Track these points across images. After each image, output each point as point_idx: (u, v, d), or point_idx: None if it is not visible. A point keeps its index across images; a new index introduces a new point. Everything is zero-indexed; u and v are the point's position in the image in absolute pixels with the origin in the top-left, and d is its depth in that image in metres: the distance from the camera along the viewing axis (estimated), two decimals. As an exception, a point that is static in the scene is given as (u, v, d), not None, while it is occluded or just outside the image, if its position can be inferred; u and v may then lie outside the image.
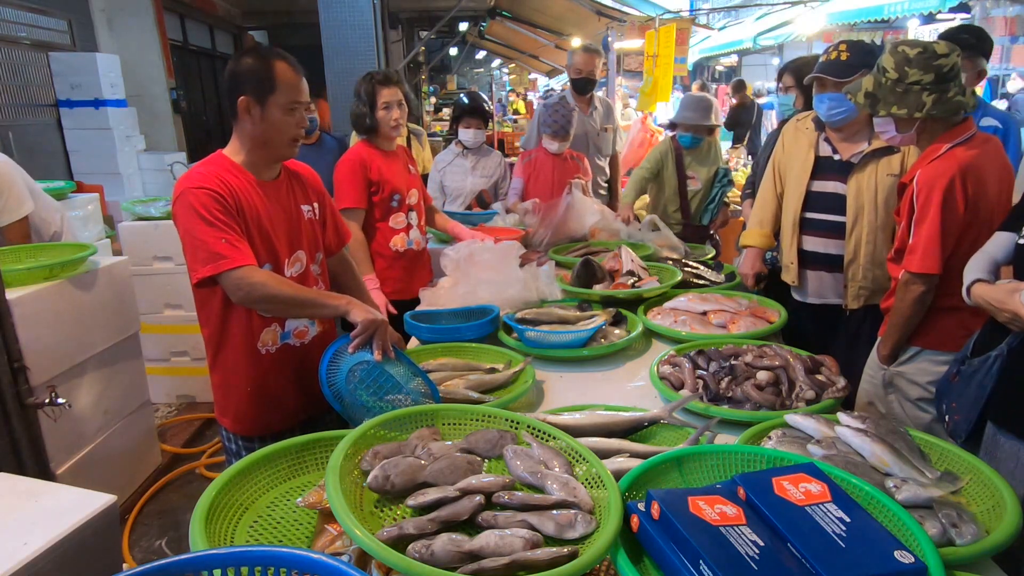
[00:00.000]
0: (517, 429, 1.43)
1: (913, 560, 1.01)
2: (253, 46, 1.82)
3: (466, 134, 3.83)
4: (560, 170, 3.70)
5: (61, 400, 1.90)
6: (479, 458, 1.34)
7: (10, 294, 2.22)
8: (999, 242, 1.78)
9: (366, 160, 2.80)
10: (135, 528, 2.98)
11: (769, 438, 1.47)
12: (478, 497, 1.17)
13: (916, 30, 8.70)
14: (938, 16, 7.75)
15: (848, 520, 1.08)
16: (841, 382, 1.77)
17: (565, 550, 1.05)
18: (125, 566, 1.41)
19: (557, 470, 1.27)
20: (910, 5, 6.88)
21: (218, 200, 1.68)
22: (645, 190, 3.87)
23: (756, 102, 9.63)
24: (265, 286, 1.66)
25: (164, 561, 0.87)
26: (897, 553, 1.02)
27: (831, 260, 2.54)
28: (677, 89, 10.32)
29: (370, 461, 1.27)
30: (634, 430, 1.59)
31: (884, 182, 2.39)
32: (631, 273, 2.73)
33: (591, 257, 2.91)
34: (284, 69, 1.74)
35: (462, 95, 4.94)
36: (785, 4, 8.92)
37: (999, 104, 8.30)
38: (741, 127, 9.40)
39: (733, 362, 1.89)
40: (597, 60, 4.00)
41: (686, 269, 2.92)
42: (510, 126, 11.81)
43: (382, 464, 1.23)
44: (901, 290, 2.02)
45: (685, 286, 2.75)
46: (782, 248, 2.69)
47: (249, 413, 1.89)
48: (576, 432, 1.49)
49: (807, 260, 2.60)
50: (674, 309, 2.41)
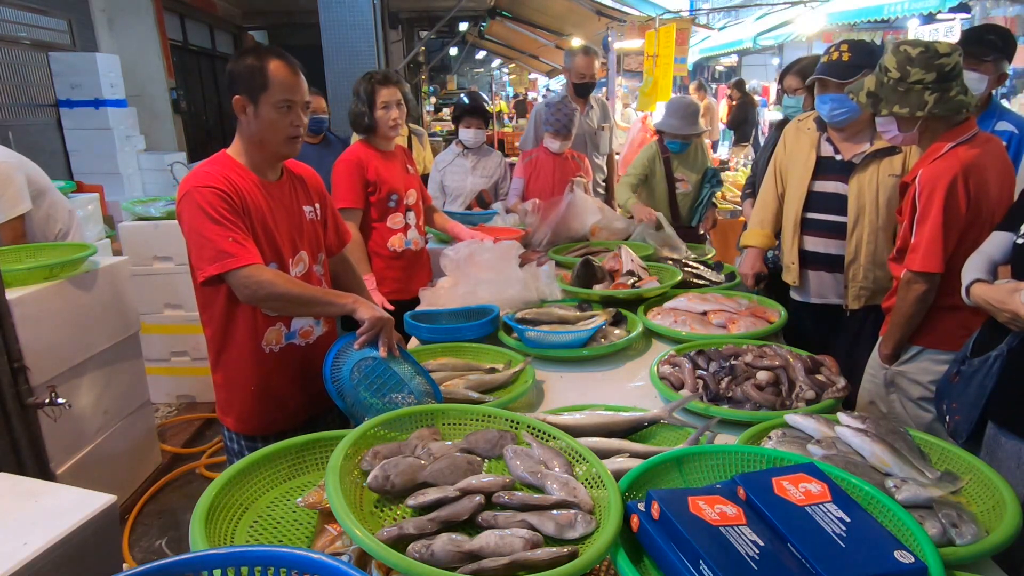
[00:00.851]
0: (517, 429, 1.43)
1: (913, 560, 1.01)
2: (253, 46, 1.81)
3: (466, 134, 3.83)
4: (561, 170, 3.70)
5: (61, 400, 1.90)
6: (479, 458, 1.34)
7: (10, 294, 2.22)
8: (997, 242, 1.77)
9: (363, 160, 2.80)
10: (135, 528, 2.98)
11: (769, 438, 1.47)
12: (478, 497, 1.17)
13: (916, 30, 8.68)
14: (938, 16, 7.73)
15: (848, 520, 1.08)
16: (841, 382, 1.77)
17: (565, 550, 1.05)
18: (125, 566, 1.41)
19: (557, 470, 1.27)
20: (910, 5, 6.87)
21: (224, 198, 1.68)
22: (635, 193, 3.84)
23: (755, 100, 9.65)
24: (273, 284, 1.66)
25: (164, 561, 0.87)
26: (897, 553, 1.02)
27: (832, 260, 2.54)
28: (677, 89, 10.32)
29: (370, 461, 1.27)
30: (634, 430, 1.59)
31: (886, 182, 2.39)
32: (631, 273, 2.73)
33: (591, 257, 2.91)
34: (278, 67, 1.72)
35: (462, 95, 4.94)
36: (785, 4, 8.91)
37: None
38: (746, 125, 9.40)
39: (733, 362, 1.89)
40: (597, 63, 4.01)
41: (686, 269, 2.92)
42: (510, 126, 11.82)
43: (382, 464, 1.23)
44: (903, 289, 2.02)
45: (685, 286, 2.75)
46: (783, 248, 2.69)
47: (252, 412, 1.89)
48: (576, 432, 1.49)
49: (808, 260, 2.60)
50: (674, 309, 2.41)
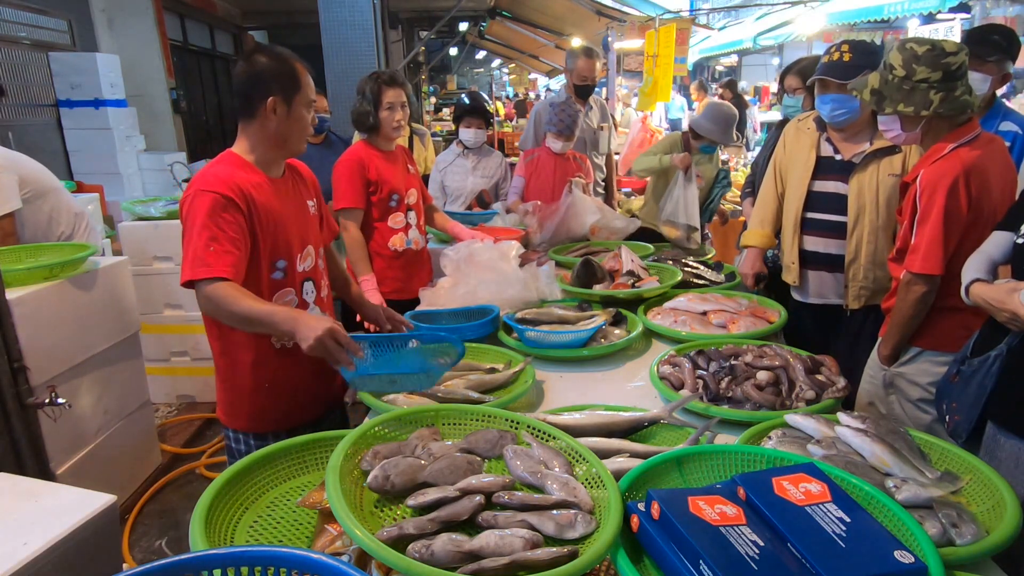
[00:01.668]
0: (517, 429, 1.43)
1: (913, 560, 1.01)
2: (262, 47, 1.81)
3: (467, 134, 3.84)
4: (562, 170, 3.70)
5: (61, 400, 1.90)
6: (479, 458, 1.34)
7: (10, 294, 2.22)
8: (997, 241, 1.77)
9: (364, 160, 2.80)
10: (135, 528, 2.98)
11: (769, 438, 1.47)
12: (478, 497, 1.17)
13: (916, 30, 8.68)
14: (938, 16, 7.74)
15: (848, 520, 1.08)
16: (841, 382, 1.77)
17: (565, 550, 1.05)
18: (125, 566, 1.41)
19: (557, 470, 1.27)
20: (910, 5, 6.87)
21: (224, 205, 1.67)
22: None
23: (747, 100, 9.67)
24: (226, 301, 1.61)
25: (164, 561, 0.87)
26: (897, 553, 1.02)
27: (832, 260, 2.54)
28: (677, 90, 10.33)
29: (370, 461, 1.27)
30: (634, 430, 1.59)
31: (886, 182, 2.39)
32: (631, 273, 2.74)
33: (591, 257, 2.91)
34: (303, 69, 1.80)
35: (463, 95, 4.96)
36: (785, 4, 8.92)
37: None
38: (740, 125, 9.41)
39: (733, 362, 1.89)
40: (599, 64, 4.02)
41: (686, 269, 2.91)
42: (509, 126, 11.82)
43: (382, 464, 1.23)
44: (903, 290, 2.01)
45: (685, 286, 2.75)
46: (783, 248, 2.69)
47: (266, 409, 1.89)
48: (576, 432, 1.49)
49: (808, 260, 2.60)
50: (674, 309, 2.41)
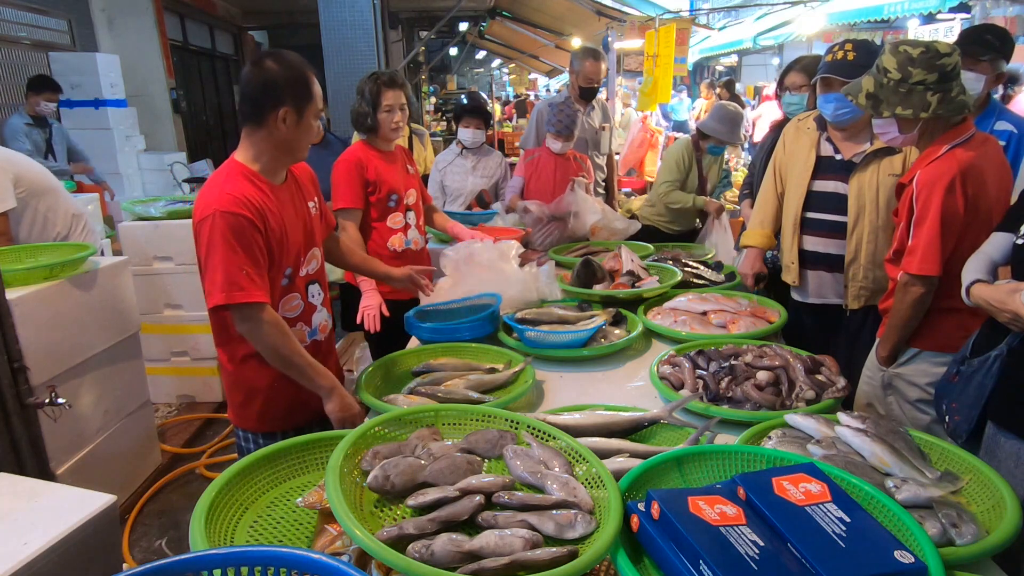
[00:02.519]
0: (517, 429, 1.43)
1: (913, 560, 1.01)
2: (272, 53, 1.80)
3: (465, 133, 3.83)
4: (563, 170, 3.70)
5: (61, 400, 1.90)
6: (479, 458, 1.34)
7: (10, 294, 2.22)
8: (996, 243, 1.77)
9: (363, 160, 2.80)
10: (135, 528, 2.98)
11: (769, 438, 1.47)
12: (478, 497, 1.17)
13: (916, 30, 8.69)
14: (938, 16, 7.74)
15: (848, 520, 1.08)
16: (841, 382, 1.77)
17: (565, 550, 1.05)
18: (125, 566, 1.41)
19: (557, 470, 1.27)
20: (910, 5, 6.87)
21: (247, 227, 1.68)
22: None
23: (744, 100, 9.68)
24: (270, 334, 1.70)
25: (164, 561, 0.87)
26: (897, 553, 1.02)
27: (832, 260, 2.54)
28: (677, 90, 10.34)
29: (370, 461, 1.27)
30: (634, 430, 1.59)
31: (886, 182, 2.39)
32: (631, 273, 2.74)
33: (591, 257, 2.91)
34: (312, 79, 1.79)
35: (462, 95, 4.96)
36: (785, 4, 8.92)
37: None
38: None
39: (733, 362, 1.89)
40: (604, 67, 4.02)
41: (686, 269, 2.92)
42: (510, 126, 11.82)
43: (382, 464, 1.23)
44: (900, 291, 2.01)
45: (685, 286, 2.75)
46: (783, 248, 2.68)
47: (278, 410, 1.90)
48: (576, 432, 1.49)
49: (808, 260, 2.60)
50: (674, 309, 2.42)
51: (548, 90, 19.09)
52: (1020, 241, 1.69)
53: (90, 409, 2.84)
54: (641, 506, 1.13)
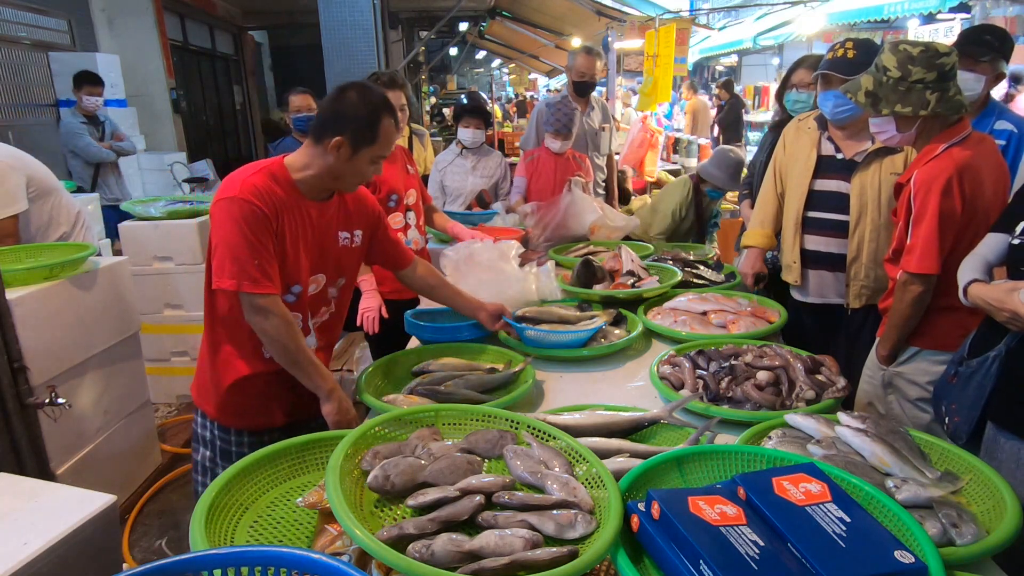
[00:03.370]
0: (517, 429, 1.43)
1: (913, 560, 1.01)
2: (358, 85, 1.74)
3: (465, 133, 3.83)
4: (562, 170, 3.71)
5: (61, 400, 1.90)
6: (479, 458, 1.34)
7: (10, 294, 2.22)
8: (991, 243, 1.77)
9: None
10: (135, 528, 2.98)
11: (769, 438, 1.47)
12: (478, 497, 1.17)
13: (916, 30, 8.69)
14: (938, 16, 7.74)
15: (848, 520, 1.08)
16: (841, 382, 1.77)
17: (565, 550, 1.05)
18: (125, 566, 1.41)
19: (557, 470, 1.27)
20: (910, 5, 6.88)
21: (263, 219, 1.67)
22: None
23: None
24: (279, 326, 1.68)
25: (164, 561, 0.87)
26: (897, 553, 1.02)
27: (833, 259, 2.54)
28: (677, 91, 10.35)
29: (370, 461, 1.27)
30: (634, 430, 1.59)
31: (888, 181, 2.39)
32: (631, 273, 2.73)
33: (591, 257, 2.91)
34: (388, 126, 1.74)
35: (462, 95, 4.97)
36: (785, 4, 8.92)
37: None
38: (738, 125, 9.43)
39: (733, 362, 1.89)
40: (598, 63, 4.02)
41: (686, 269, 2.91)
42: (510, 126, 11.82)
43: (382, 464, 1.23)
44: (899, 290, 2.02)
45: (685, 286, 2.75)
46: (784, 248, 2.68)
47: (240, 406, 1.87)
48: (576, 432, 1.49)
49: (809, 259, 2.60)
50: (674, 309, 2.41)
51: (548, 90, 19.09)
52: (1016, 241, 1.69)
53: (90, 409, 2.84)
54: (641, 506, 1.13)
